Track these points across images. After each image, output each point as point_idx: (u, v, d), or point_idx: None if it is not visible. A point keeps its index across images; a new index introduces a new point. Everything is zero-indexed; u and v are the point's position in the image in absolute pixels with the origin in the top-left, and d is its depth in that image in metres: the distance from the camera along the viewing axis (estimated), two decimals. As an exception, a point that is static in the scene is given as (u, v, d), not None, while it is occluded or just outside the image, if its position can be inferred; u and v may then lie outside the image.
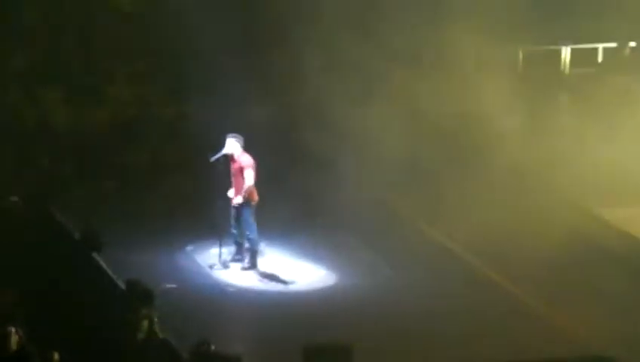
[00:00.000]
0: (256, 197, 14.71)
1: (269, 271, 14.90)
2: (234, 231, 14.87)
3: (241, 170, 14.65)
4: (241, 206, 14.67)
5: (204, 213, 15.28)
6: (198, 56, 17.53)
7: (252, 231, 14.74)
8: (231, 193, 14.75)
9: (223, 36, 17.31)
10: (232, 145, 14.66)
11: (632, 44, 19.16)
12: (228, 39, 17.40)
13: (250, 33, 18.12)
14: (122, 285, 12.75)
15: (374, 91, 17.89)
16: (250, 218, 14.70)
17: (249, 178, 14.60)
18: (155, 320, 11.92)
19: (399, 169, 16.53)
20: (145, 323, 11.79)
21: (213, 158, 14.69)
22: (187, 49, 17.66)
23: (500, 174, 16.57)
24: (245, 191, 14.60)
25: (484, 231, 15.42)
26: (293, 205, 15.92)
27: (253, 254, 14.87)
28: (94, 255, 13.62)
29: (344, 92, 17.45)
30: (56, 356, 10.09)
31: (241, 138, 14.68)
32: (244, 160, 14.66)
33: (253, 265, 14.86)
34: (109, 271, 13.40)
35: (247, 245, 14.85)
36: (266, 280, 14.75)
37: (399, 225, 16.42)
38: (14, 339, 10.20)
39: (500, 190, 16.34)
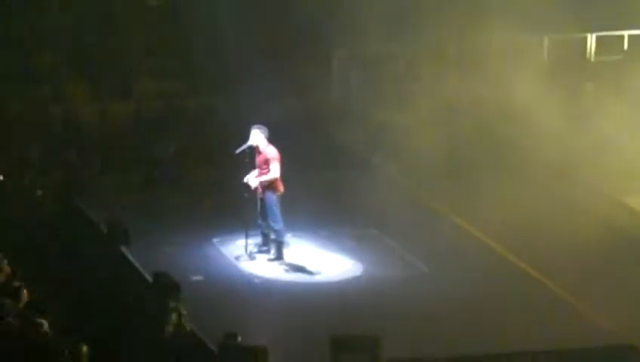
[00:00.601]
0: (281, 189, 14.67)
1: (295, 262, 14.90)
2: (260, 222, 14.86)
3: (266, 161, 14.65)
4: (266, 197, 14.67)
5: (230, 204, 15.27)
6: (225, 52, 17.53)
7: (277, 223, 14.71)
8: (250, 179, 14.69)
9: (250, 34, 17.34)
10: (257, 137, 14.65)
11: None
12: (254, 39, 17.42)
13: (279, 32, 18.11)
14: (150, 278, 12.79)
15: (406, 88, 17.88)
16: (275, 209, 14.66)
17: (274, 170, 14.59)
18: (183, 312, 11.95)
19: (434, 164, 16.48)
20: (173, 316, 11.81)
21: (238, 150, 14.71)
22: (212, 44, 17.69)
23: (532, 166, 16.55)
24: (267, 182, 14.58)
25: (517, 223, 15.38)
26: (323, 198, 15.95)
27: (279, 245, 14.85)
28: (122, 248, 13.67)
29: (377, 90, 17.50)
30: (84, 348, 10.13)
31: (266, 129, 14.65)
32: (270, 151, 14.64)
33: (279, 257, 14.85)
34: (137, 264, 13.45)
35: (272, 236, 14.84)
36: (292, 272, 14.73)
37: (431, 218, 16.38)
38: (44, 329, 10.26)
39: (533, 182, 16.31)
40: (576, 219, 15.61)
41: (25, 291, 10.87)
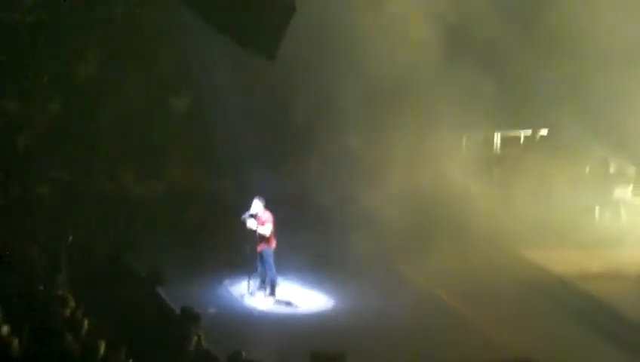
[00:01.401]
0: (274, 245, 14.63)
1: (284, 298, 14.73)
2: (258, 268, 14.75)
3: (263, 223, 14.57)
4: (263, 250, 14.58)
5: (237, 256, 15.12)
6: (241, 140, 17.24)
7: (271, 269, 14.62)
8: (252, 225, 14.50)
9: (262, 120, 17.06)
10: (257, 206, 14.60)
11: (542, 131, 19.09)
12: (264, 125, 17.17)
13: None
14: (177, 310, 12.59)
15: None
16: (270, 259, 14.60)
17: (267, 229, 14.55)
18: (202, 336, 11.76)
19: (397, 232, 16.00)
20: (194, 339, 11.62)
21: (243, 217, 14.63)
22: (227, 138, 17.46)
23: (455, 228, 16.32)
24: (263, 237, 14.47)
25: (446, 271, 15.17)
26: (302, 252, 15.78)
27: (273, 286, 14.71)
28: (157, 288, 13.48)
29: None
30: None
31: (263, 199, 14.60)
32: (266, 216, 14.59)
33: (272, 294, 14.70)
34: (168, 301, 13.25)
35: (268, 279, 14.70)
36: (282, 305, 14.59)
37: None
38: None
39: (463, 244, 16.05)
40: (489, 269, 15.42)
41: (86, 321, 10.67)
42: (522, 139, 19.17)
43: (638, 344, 13.28)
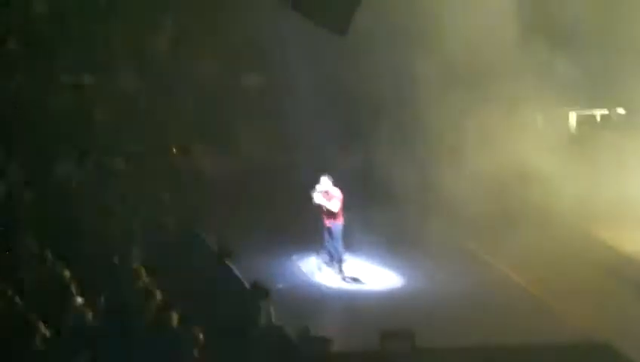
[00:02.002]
0: (342, 220, 14.67)
1: (353, 275, 14.74)
2: (327, 244, 14.79)
3: (330, 199, 14.63)
4: (333, 226, 14.62)
5: (307, 231, 15.17)
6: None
7: (339, 245, 14.66)
8: (320, 200, 14.55)
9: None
10: (325, 182, 14.64)
11: (620, 110, 18.69)
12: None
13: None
14: (248, 285, 12.72)
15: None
16: (338, 235, 14.64)
17: (335, 205, 14.58)
18: (272, 311, 11.87)
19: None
20: (264, 314, 11.74)
21: (313, 193, 14.69)
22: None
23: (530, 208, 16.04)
24: (332, 212, 14.50)
25: (519, 249, 14.98)
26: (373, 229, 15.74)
27: (340, 262, 14.75)
28: (227, 261, 13.62)
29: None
30: (201, 336, 10.06)
31: (331, 176, 14.67)
32: (334, 191, 14.64)
33: (340, 270, 14.74)
34: (239, 274, 13.40)
35: (336, 256, 14.74)
36: (351, 282, 14.60)
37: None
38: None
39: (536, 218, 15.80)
40: (563, 247, 15.17)
41: (158, 294, 10.85)
42: (599, 119, 18.80)
43: None
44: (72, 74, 17.53)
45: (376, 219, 16.16)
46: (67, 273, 10.96)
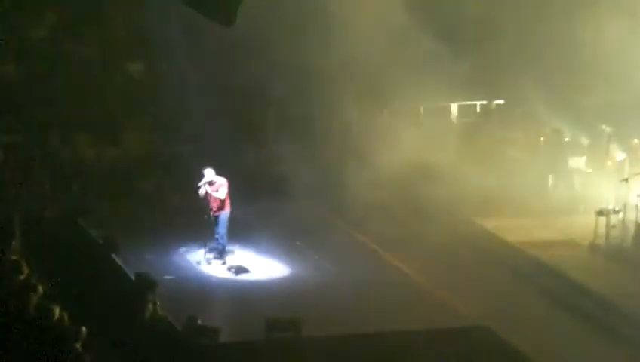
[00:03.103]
0: (229, 209, 14.67)
1: (240, 265, 14.77)
2: (217, 235, 14.76)
3: (218, 188, 14.61)
4: (219, 216, 14.62)
5: (193, 223, 15.13)
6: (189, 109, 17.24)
7: (223, 234, 14.66)
8: (205, 191, 14.55)
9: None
10: (210, 173, 14.64)
11: (498, 101, 19.27)
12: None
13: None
14: (133, 277, 12.58)
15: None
16: (224, 224, 14.64)
17: (222, 192, 14.57)
18: (157, 302, 11.77)
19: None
20: (150, 305, 11.64)
21: (199, 184, 14.65)
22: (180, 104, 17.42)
23: (411, 197, 16.37)
24: (219, 203, 14.52)
25: (402, 239, 15.24)
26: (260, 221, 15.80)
27: (222, 251, 14.72)
28: (113, 255, 13.44)
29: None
30: (83, 330, 9.91)
31: (211, 168, 14.67)
32: (219, 180, 14.64)
33: (224, 260, 14.70)
34: (124, 267, 13.23)
35: (219, 244, 14.72)
36: (238, 272, 14.62)
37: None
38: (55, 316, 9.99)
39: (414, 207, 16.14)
40: (442, 235, 15.56)
41: (39, 286, 10.62)
42: (478, 109, 19.36)
43: (587, 308, 13.59)
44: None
45: (267, 211, 16.21)
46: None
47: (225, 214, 14.69)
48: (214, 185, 14.71)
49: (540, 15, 18.45)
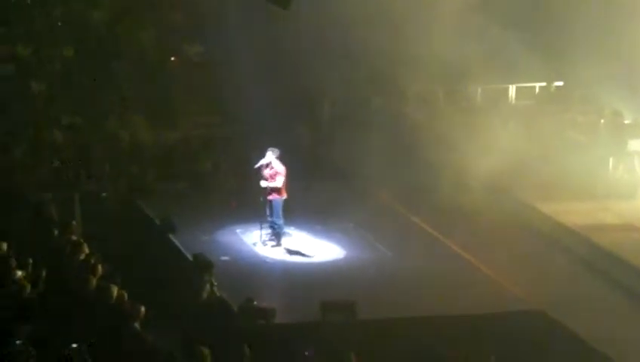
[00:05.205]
0: (285, 195, 14.65)
1: (296, 247, 14.82)
2: (269, 218, 14.83)
3: (275, 174, 14.62)
4: (273, 200, 14.63)
5: (249, 205, 15.20)
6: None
7: (279, 219, 14.60)
8: (264, 184, 14.59)
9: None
10: (270, 156, 14.66)
11: (558, 83, 19.01)
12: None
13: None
14: (190, 258, 12.72)
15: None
16: (278, 209, 14.60)
17: (279, 181, 14.56)
18: (214, 283, 11.90)
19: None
20: (207, 286, 11.77)
21: (256, 166, 14.69)
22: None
23: (469, 181, 16.25)
24: (275, 188, 14.49)
25: (460, 224, 15.16)
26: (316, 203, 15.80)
27: (279, 235, 14.71)
28: (170, 236, 13.61)
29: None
30: (142, 309, 10.03)
31: (277, 151, 14.62)
32: (278, 167, 14.62)
33: (278, 243, 14.70)
34: (181, 248, 13.38)
35: (275, 228, 14.77)
36: (293, 254, 14.67)
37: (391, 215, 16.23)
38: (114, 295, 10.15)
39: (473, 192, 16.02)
40: (502, 220, 15.41)
41: (99, 266, 10.81)
42: (537, 91, 19.12)
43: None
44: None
45: (320, 193, 16.20)
46: (4, 246, 10.84)
47: (278, 200, 14.60)
48: (272, 169, 14.71)
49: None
